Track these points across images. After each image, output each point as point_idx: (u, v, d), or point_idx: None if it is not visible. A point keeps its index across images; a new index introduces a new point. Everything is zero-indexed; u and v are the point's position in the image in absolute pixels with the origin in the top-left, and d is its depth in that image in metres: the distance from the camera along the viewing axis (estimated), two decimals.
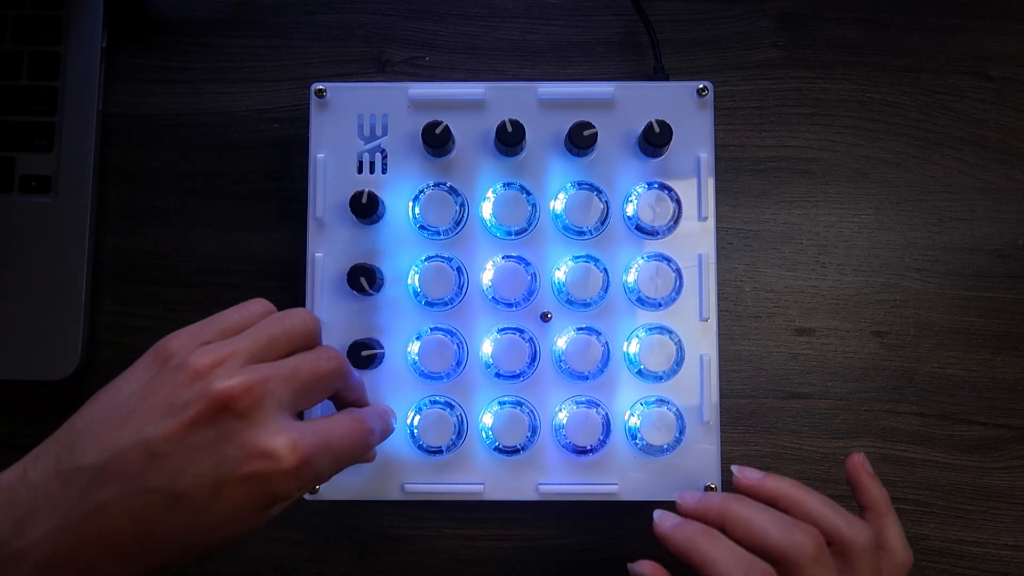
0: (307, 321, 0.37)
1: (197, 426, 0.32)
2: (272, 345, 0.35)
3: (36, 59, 0.50)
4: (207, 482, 0.32)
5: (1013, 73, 0.52)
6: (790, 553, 0.37)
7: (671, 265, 0.46)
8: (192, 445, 0.32)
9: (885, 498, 0.42)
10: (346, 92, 0.47)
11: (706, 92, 0.47)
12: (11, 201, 0.49)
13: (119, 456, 0.32)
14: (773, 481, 0.41)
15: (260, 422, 0.33)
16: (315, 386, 0.36)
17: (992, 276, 0.51)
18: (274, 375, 0.34)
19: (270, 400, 0.33)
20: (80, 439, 0.33)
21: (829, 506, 0.40)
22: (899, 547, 0.41)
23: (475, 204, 0.47)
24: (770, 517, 0.38)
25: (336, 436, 0.35)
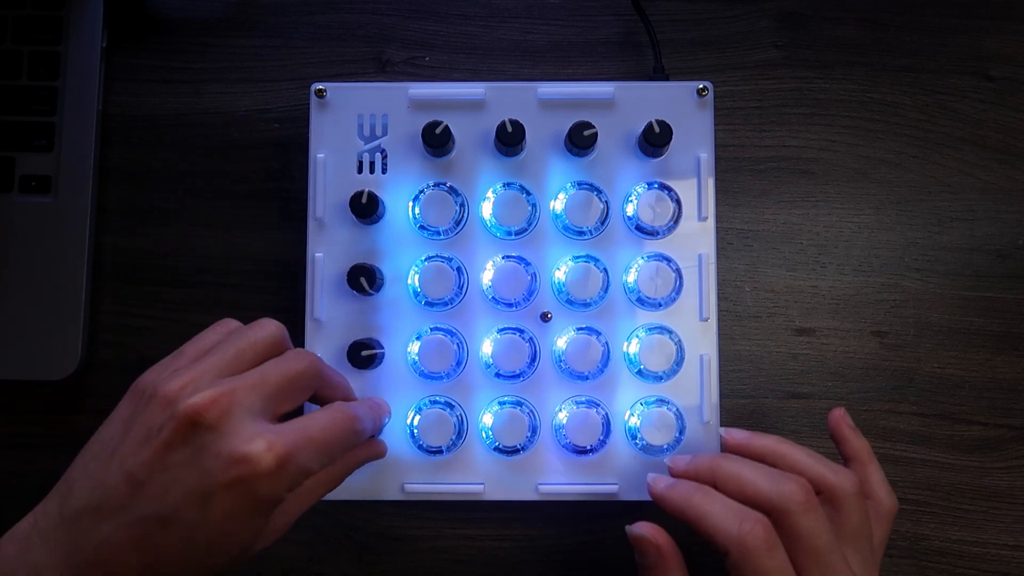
0: (272, 330, 0.38)
1: (172, 447, 0.33)
2: (239, 358, 0.36)
3: (36, 59, 0.50)
4: (194, 498, 0.32)
5: (1013, 73, 0.52)
6: (780, 502, 0.38)
7: (671, 265, 0.46)
8: (171, 466, 0.33)
9: (867, 448, 0.43)
10: (346, 92, 0.47)
11: (706, 92, 0.47)
12: (11, 201, 0.49)
13: (109, 491, 0.33)
14: (760, 439, 0.42)
15: (232, 430, 0.33)
16: (288, 389, 0.36)
17: (992, 276, 0.51)
18: (241, 384, 0.34)
19: (239, 409, 0.34)
20: (76, 483, 0.34)
21: (815, 457, 0.41)
22: (883, 493, 0.42)
23: (475, 204, 0.47)
24: (759, 471, 0.39)
25: (316, 428, 0.36)
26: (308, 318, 0.46)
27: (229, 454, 0.32)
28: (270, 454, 0.33)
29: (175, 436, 0.33)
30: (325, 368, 0.39)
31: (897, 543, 0.49)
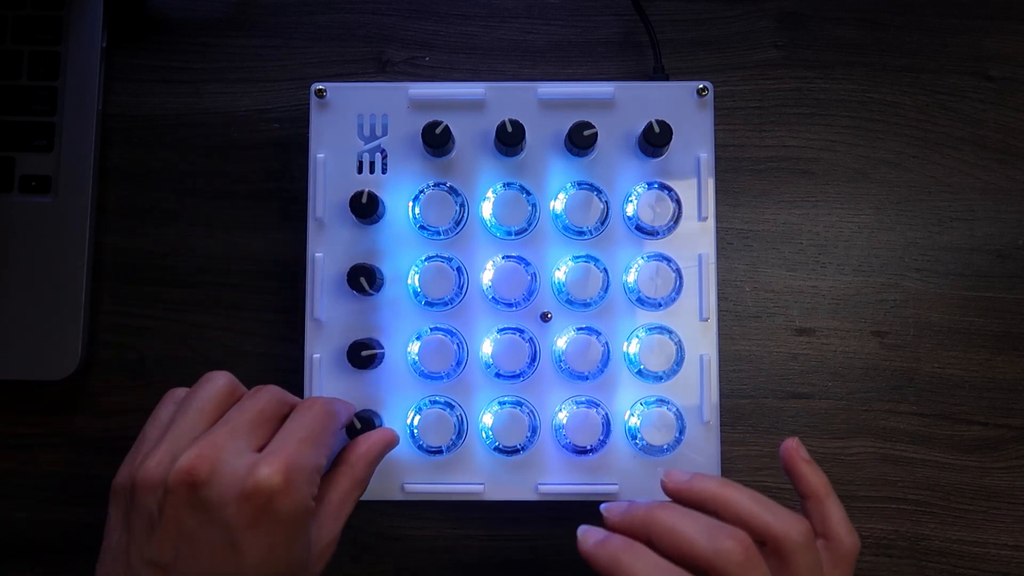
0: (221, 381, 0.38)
1: (181, 519, 0.33)
2: (201, 416, 0.36)
3: (36, 59, 0.50)
4: (223, 552, 0.32)
5: (1013, 73, 0.52)
6: (716, 561, 0.35)
7: (671, 265, 0.46)
8: (188, 537, 0.33)
9: (824, 483, 0.40)
10: (346, 92, 0.47)
11: (706, 92, 0.47)
12: (11, 201, 0.49)
13: None
14: (700, 482, 0.39)
15: (229, 474, 0.33)
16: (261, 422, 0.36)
17: (992, 276, 0.51)
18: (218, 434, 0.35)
19: (225, 454, 0.34)
20: None
21: (759, 503, 0.37)
22: (843, 532, 0.39)
23: (475, 204, 0.47)
24: (695, 524, 0.36)
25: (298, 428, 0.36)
26: (308, 318, 0.46)
27: (238, 495, 0.33)
28: (274, 473, 0.33)
29: (178, 508, 0.33)
30: (286, 394, 0.39)
31: (897, 543, 0.49)
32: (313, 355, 0.46)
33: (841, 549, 0.38)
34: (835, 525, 0.39)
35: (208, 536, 0.33)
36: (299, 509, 0.34)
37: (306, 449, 0.35)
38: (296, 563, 0.34)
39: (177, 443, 0.35)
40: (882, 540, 0.49)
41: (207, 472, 0.33)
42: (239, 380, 0.39)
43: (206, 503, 0.33)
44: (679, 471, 0.40)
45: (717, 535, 0.35)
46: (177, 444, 0.35)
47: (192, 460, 0.33)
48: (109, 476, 0.49)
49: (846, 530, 0.39)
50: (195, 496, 0.33)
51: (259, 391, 0.38)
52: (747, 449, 0.50)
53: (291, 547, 0.34)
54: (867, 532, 0.49)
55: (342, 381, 0.46)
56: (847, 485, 0.50)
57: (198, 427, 0.36)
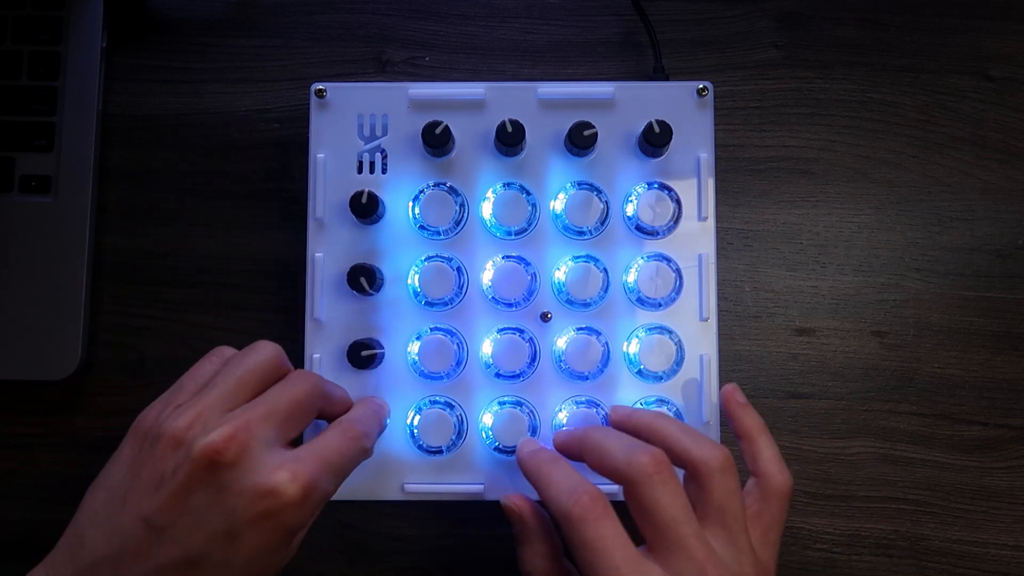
0: (270, 353, 0.38)
1: (191, 490, 0.32)
2: (242, 387, 0.36)
3: (36, 59, 0.50)
4: (220, 538, 0.32)
5: (1013, 73, 0.52)
6: (629, 472, 0.36)
7: (671, 265, 0.46)
8: (192, 510, 0.32)
9: (757, 424, 0.41)
10: (346, 92, 0.47)
11: (706, 92, 0.47)
12: (11, 201, 0.49)
13: (127, 539, 0.32)
14: (640, 415, 0.41)
15: (253, 465, 0.33)
16: (296, 414, 0.36)
17: (992, 276, 0.51)
18: (254, 417, 0.34)
19: (255, 443, 0.33)
20: (87, 533, 0.33)
21: (686, 432, 0.39)
22: (774, 470, 0.40)
23: (475, 204, 0.47)
24: (620, 441, 0.38)
25: (333, 452, 0.36)
26: (308, 318, 0.46)
27: (253, 490, 0.32)
28: (295, 484, 0.33)
29: (193, 478, 0.32)
30: (327, 385, 0.39)
31: (897, 543, 0.49)
32: (313, 355, 0.46)
33: (770, 485, 0.40)
34: (765, 462, 0.40)
35: (212, 517, 0.32)
36: (301, 525, 0.34)
37: (330, 475, 0.35)
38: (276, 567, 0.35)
39: (212, 410, 0.34)
40: (882, 540, 0.49)
41: (234, 456, 0.33)
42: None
43: (222, 486, 0.32)
44: (624, 406, 0.43)
45: (634, 450, 0.37)
46: (211, 411, 0.34)
47: (223, 438, 0.33)
48: None
49: (777, 467, 0.40)
50: (214, 475, 0.32)
51: (302, 378, 0.38)
52: None
53: (280, 553, 0.34)
54: (867, 532, 0.49)
55: (342, 381, 0.46)
56: (847, 485, 0.50)
57: (237, 399, 0.35)
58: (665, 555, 0.35)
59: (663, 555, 0.35)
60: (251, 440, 0.33)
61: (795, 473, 0.49)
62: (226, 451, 0.33)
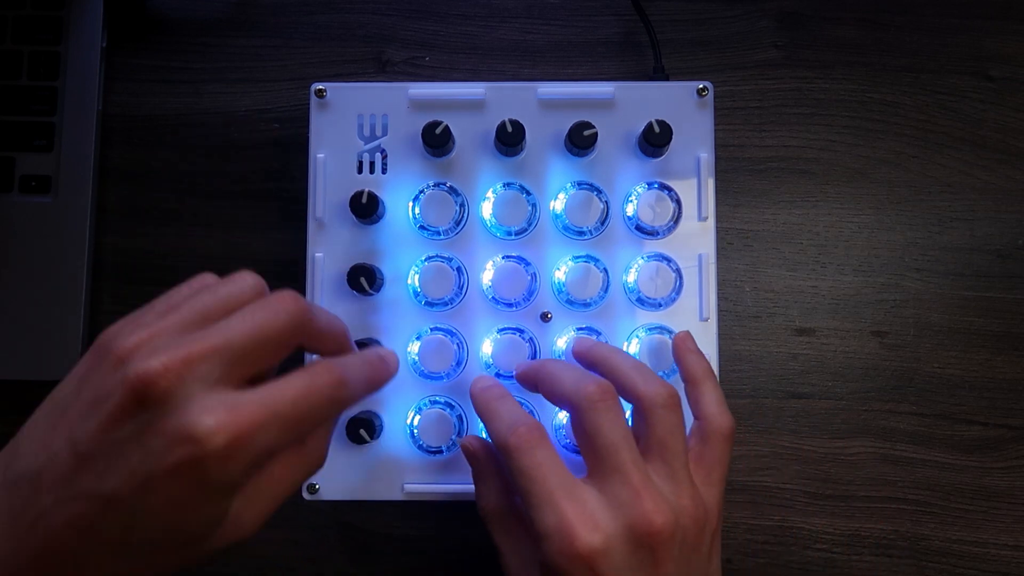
0: (248, 284, 0.33)
1: (118, 420, 0.29)
2: (206, 315, 0.32)
3: (36, 59, 0.50)
4: (136, 480, 0.29)
5: (1013, 73, 0.52)
6: (574, 398, 0.37)
7: (671, 265, 0.46)
8: (115, 441, 0.29)
9: (703, 369, 0.42)
10: (346, 92, 0.47)
11: (706, 92, 0.47)
12: (11, 201, 0.49)
13: (52, 460, 0.30)
14: (599, 348, 0.42)
15: (181, 405, 0.29)
16: (256, 350, 0.31)
17: (992, 276, 0.51)
18: (198, 348, 0.30)
19: (192, 379, 0.29)
20: (22, 444, 0.31)
21: (637, 369, 0.39)
22: (714, 412, 0.40)
23: (475, 204, 0.47)
24: (572, 372, 0.39)
25: (287, 400, 0.31)
26: None
27: (173, 433, 0.29)
28: (220, 434, 0.29)
29: (121, 408, 0.29)
30: (312, 317, 0.34)
31: (897, 543, 0.49)
32: (313, 355, 0.46)
33: (711, 426, 0.40)
34: (706, 405, 0.40)
35: (131, 455, 0.29)
36: (225, 482, 0.30)
37: (274, 428, 0.30)
38: (193, 530, 0.31)
39: (165, 333, 0.31)
40: (882, 540, 0.49)
41: (163, 391, 0.29)
42: None
43: (146, 423, 0.29)
44: (587, 338, 0.43)
45: (583, 379, 0.38)
46: (164, 334, 0.31)
47: (157, 368, 0.29)
48: None
49: (717, 410, 0.40)
50: (141, 409, 0.29)
51: (276, 306, 0.32)
52: (747, 449, 0.50)
53: (201, 511, 0.30)
54: (867, 532, 0.49)
55: None
56: (847, 485, 0.50)
57: (195, 327, 0.31)
58: (602, 479, 0.36)
59: (600, 479, 0.36)
60: (188, 374, 0.29)
61: (795, 473, 0.50)
62: (155, 384, 0.29)
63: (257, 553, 0.49)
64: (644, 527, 0.35)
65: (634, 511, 0.35)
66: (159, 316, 0.32)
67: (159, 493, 0.29)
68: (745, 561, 0.49)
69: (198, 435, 0.28)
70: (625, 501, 0.35)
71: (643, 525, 0.35)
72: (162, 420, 0.29)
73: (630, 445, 0.36)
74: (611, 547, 0.34)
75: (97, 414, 0.30)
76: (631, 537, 0.35)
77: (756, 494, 0.50)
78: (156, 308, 0.33)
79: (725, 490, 0.39)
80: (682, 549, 0.36)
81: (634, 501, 0.35)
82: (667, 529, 0.35)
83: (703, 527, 0.37)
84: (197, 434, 0.28)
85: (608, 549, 0.34)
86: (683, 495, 0.37)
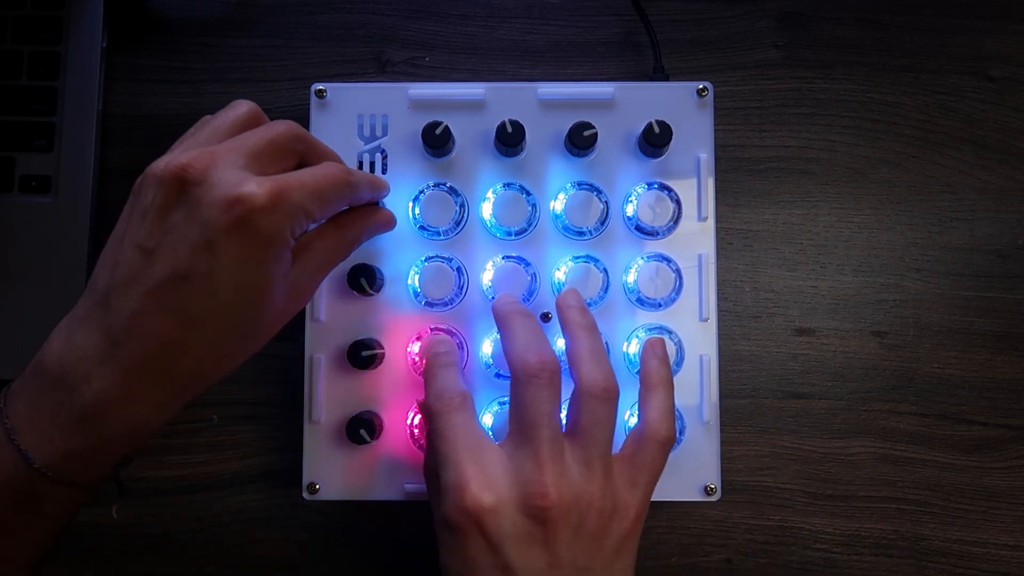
0: (245, 109, 0.38)
1: (167, 210, 0.34)
2: (214, 136, 0.37)
3: (36, 59, 0.50)
4: (200, 250, 0.33)
5: (1013, 73, 0.52)
6: (514, 365, 0.39)
7: (671, 265, 0.46)
8: (172, 228, 0.34)
9: (660, 377, 0.42)
10: (346, 92, 0.47)
11: (706, 92, 0.47)
12: (11, 201, 0.49)
13: (125, 266, 0.34)
14: (571, 314, 0.42)
15: (219, 179, 0.34)
16: (269, 150, 0.36)
17: (992, 276, 0.51)
18: (220, 146, 0.35)
19: (221, 162, 0.34)
20: (99, 272, 0.36)
21: (592, 352, 0.40)
22: (655, 419, 0.41)
23: (475, 204, 0.47)
24: (525, 335, 0.40)
25: (307, 175, 0.36)
26: (308, 318, 0.46)
27: (222, 199, 0.33)
28: (262, 189, 0.34)
29: (168, 198, 0.34)
30: (309, 136, 0.39)
31: (897, 543, 0.49)
32: (313, 355, 0.46)
33: (649, 431, 0.40)
34: (650, 411, 0.41)
35: (189, 231, 0.34)
36: (277, 231, 0.34)
37: (304, 192, 0.35)
38: (266, 286, 0.35)
39: (188, 151, 0.36)
40: (882, 540, 0.49)
41: (199, 173, 0.34)
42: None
43: (193, 201, 0.34)
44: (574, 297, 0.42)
45: (528, 349, 0.39)
46: (188, 152, 0.36)
47: (189, 159, 0.34)
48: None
49: (659, 417, 0.41)
50: (185, 193, 0.34)
51: (280, 122, 0.38)
52: (747, 449, 0.50)
53: (263, 266, 0.35)
54: (867, 532, 0.49)
55: (342, 381, 0.46)
56: (847, 485, 0.50)
57: (209, 144, 0.37)
58: (514, 448, 0.38)
59: (512, 447, 0.38)
60: (218, 161, 0.34)
61: (795, 473, 0.50)
62: (190, 167, 0.34)
63: (257, 553, 0.49)
64: (538, 499, 0.36)
65: (532, 481, 0.36)
66: (176, 147, 0.37)
67: (224, 255, 0.33)
68: (745, 561, 0.49)
69: (242, 196, 0.33)
70: (527, 471, 0.37)
71: (537, 497, 0.36)
72: (207, 194, 0.34)
73: (552, 424, 0.38)
74: (501, 509, 0.36)
75: (150, 214, 0.34)
76: (523, 505, 0.36)
77: (756, 494, 0.50)
78: (172, 148, 0.37)
79: (650, 496, 0.40)
80: (578, 534, 0.37)
81: (535, 472, 0.37)
82: (561, 506, 0.36)
83: (609, 520, 0.38)
84: (241, 195, 0.33)
85: (498, 510, 0.36)
86: (593, 483, 0.38)
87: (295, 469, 0.47)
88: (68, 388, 0.34)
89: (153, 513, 0.49)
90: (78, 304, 0.36)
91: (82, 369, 0.34)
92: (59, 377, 0.34)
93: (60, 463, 0.34)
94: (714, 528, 0.49)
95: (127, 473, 0.42)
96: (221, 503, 0.50)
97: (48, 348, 0.36)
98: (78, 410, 0.34)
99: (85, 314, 0.35)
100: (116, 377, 0.34)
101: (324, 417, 0.46)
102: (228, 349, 0.36)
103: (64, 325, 0.36)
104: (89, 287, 0.36)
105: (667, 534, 0.49)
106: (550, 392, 0.38)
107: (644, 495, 0.39)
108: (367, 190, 0.41)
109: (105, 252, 0.36)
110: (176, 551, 0.49)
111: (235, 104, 0.39)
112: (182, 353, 0.34)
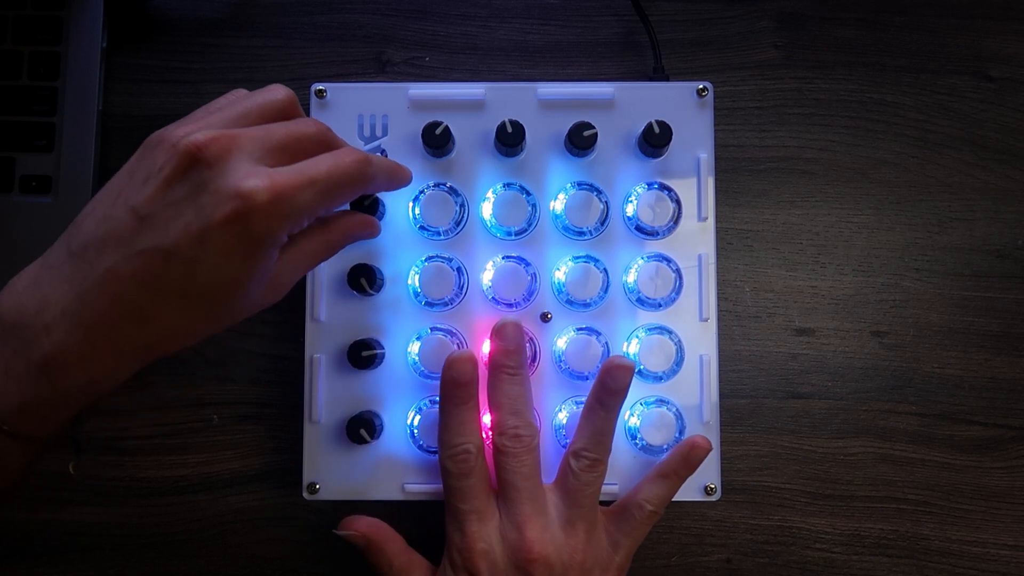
0: (281, 95, 0.38)
1: (173, 183, 0.34)
2: (244, 117, 0.37)
3: (36, 59, 0.50)
4: (192, 232, 0.33)
5: (1013, 73, 0.52)
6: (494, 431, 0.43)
7: (671, 265, 0.46)
8: (172, 201, 0.34)
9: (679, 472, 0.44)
10: (346, 92, 0.47)
11: (706, 92, 0.47)
12: (11, 201, 0.49)
13: (114, 224, 0.34)
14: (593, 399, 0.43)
15: (230, 168, 0.33)
16: (291, 147, 0.36)
17: (992, 276, 0.51)
18: (243, 132, 0.35)
19: (238, 151, 0.34)
20: (84, 221, 0.35)
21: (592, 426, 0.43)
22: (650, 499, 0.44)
23: (475, 204, 0.47)
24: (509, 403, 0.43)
25: (320, 171, 0.36)
26: (308, 318, 0.46)
27: (225, 190, 0.33)
28: (266, 190, 0.33)
29: (176, 172, 0.34)
30: (337, 139, 0.39)
31: (897, 543, 0.49)
32: (313, 355, 0.46)
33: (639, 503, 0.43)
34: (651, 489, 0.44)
35: (186, 211, 0.33)
36: (271, 232, 0.34)
37: (312, 191, 0.35)
38: (246, 280, 0.35)
39: (211, 126, 0.35)
40: (882, 540, 0.49)
41: (214, 156, 0.34)
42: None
43: (199, 183, 0.33)
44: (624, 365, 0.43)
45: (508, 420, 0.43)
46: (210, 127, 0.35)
47: (208, 139, 0.34)
48: (109, 476, 0.50)
49: (654, 500, 0.44)
50: (194, 171, 0.34)
51: (308, 123, 0.38)
52: (747, 449, 0.50)
53: (249, 263, 0.34)
54: (867, 532, 0.50)
55: (342, 381, 0.46)
56: (847, 485, 0.50)
57: (236, 124, 0.36)
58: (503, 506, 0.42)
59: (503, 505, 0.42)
60: (234, 147, 0.34)
61: (795, 473, 0.50)
62: (207, 148, 0.34)
63: (257, 553, 0.49)
64: (523, 553, 0.41)
65: (519, 537, 0.41)
66: (202, 117, 0.37)
67: (213, 245, 0.33)
68: (745, 561, 0.49)
69: (245, 192, 0.33)
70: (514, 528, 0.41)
71: (522, 552, 0.41)
72: (214, 180, 0.33)
73: (531, 486, 0.42)
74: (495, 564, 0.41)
75: (154, 181, 0.34)
76: (512, 560, 0.41)
77: (756, 494, 0.50)
78: (197, 115, 0.37)
79: (631, 555, 0.43)
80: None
81: (520, 528, 0.41)
82: (542, 560, 0.41)
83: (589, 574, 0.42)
84: (245, 191, 0.33)
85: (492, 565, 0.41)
86: (576, 539, 0.42)
87: (295, 469, 0.47)
88: (25, 339, 0.34)
89: (153, 513, 0.49)
90: (51, 250, 0.36)
91: (42, 320, 0.34)
92: (15, 325, 0.34)
93: (15, 415, 0.34)
94: (714, 528, 0.50)
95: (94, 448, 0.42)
96: (221, 503, 0.50)
97: (7, 295, 0.35)
98: (36, 360, 0.34)
99: (57, 263, 0.35)
100: (76, 333, 0.33)
101: (324, 417, 0.46)
102: (191, 329, 0.36)
103: (31, 272, 0.35)
104: (69, 232, 0.36)
105: (667, 534, 0.49)
106: (526, 459, 0.42)
107: (624, 556, 0.43)
108: (384, 180, 0.41)
109: (96, 200, 0.36)
110: (176, 551, 0.49)
111: (272, 88, 0.38)
112: (145, 322, 0.34)
